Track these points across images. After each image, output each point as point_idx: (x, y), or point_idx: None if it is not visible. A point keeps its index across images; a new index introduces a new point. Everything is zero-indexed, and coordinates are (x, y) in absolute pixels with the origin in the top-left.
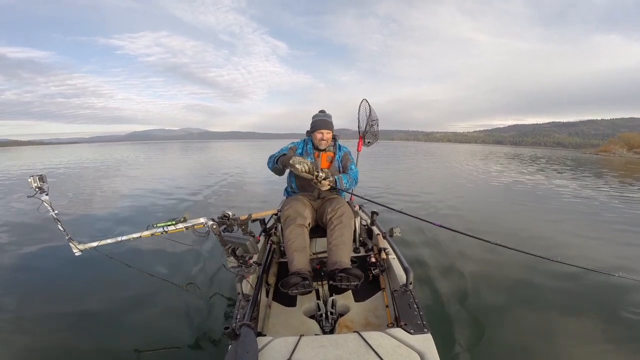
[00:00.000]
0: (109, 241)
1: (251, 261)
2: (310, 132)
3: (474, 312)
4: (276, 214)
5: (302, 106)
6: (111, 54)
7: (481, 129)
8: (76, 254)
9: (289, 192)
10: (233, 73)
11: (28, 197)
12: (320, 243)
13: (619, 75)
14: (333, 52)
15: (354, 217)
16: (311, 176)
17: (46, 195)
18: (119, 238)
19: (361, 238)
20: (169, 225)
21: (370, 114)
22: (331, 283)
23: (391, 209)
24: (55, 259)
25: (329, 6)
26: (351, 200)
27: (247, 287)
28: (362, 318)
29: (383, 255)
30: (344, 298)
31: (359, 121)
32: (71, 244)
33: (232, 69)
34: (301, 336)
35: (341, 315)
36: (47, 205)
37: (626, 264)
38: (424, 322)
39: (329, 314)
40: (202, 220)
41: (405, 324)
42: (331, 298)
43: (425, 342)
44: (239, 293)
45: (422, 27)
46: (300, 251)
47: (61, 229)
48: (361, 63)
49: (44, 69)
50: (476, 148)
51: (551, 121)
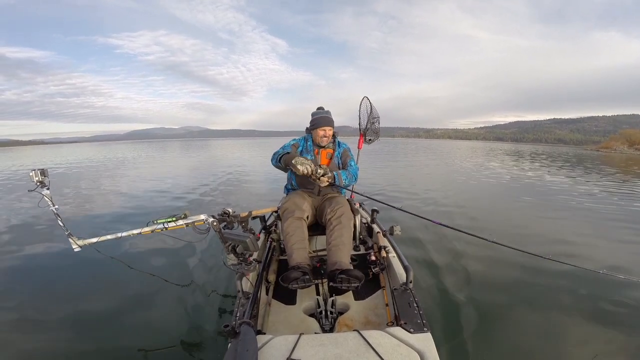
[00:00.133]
0: (109, 237)
1: (251, 259)
2: (310, 129)
3: (474, 311)
4: (276, 211)
5: (302, 104)
6: (110, 53)
7: (481, 126)
8: (75, 250)
9: (289, 189)
10: (233, 71)
11: (29, 192)
12: (320, 241)
13: (619, 72)
14: (333, 50)
15: (354, 216)
16: (310, 173)
17: (47, 189)
18: (119, 234)
19: (361, 236)
20: (169, 221)
21: (371, 112)
22: (331, 284)
23: (391, 207)
24: (55, 259)
25: (328, 5)
26: (351, 197)
27: (247, 285)
28: (362, 316)
29: (383, 253)
30: (344, 297)
31: (360, 119)
32: (70, 240)
33: (232, 67)
34: (301, 334)
35: (341, 313)
36: (48, 199)
37: (626, 264)
38: (424, 321)
39: (329, 313)
40: (203, 217)
41: (405, 323)
42: (331, 299)
43: (425, 341)
44: (239, 291)
45: (422, 25)
46: (299, 245)
47: (61, 224)
48: (361, 60)
49: (43, 69)
50: (477, 144)
51: (552, 118)
